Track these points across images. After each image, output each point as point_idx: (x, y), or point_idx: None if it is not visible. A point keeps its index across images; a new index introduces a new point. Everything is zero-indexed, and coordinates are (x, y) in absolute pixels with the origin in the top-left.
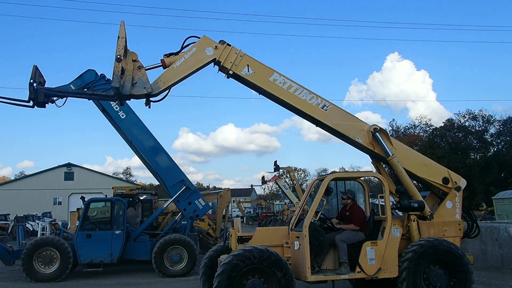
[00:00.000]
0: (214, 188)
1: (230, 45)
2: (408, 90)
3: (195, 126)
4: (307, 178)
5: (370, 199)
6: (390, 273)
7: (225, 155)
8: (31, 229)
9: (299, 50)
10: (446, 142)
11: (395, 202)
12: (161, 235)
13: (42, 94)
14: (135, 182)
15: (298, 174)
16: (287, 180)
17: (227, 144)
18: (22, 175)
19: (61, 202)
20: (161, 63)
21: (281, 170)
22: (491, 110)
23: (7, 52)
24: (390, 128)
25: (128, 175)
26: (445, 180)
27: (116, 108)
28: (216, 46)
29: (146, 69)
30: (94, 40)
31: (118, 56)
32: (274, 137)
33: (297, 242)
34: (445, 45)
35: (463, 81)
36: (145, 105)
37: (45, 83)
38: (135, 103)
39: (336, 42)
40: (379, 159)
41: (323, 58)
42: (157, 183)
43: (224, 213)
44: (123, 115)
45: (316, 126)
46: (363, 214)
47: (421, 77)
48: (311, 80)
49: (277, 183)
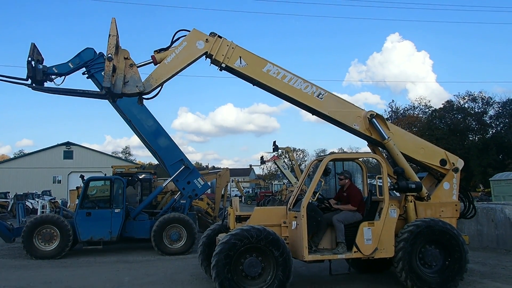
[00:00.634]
0: (213, 168)
1: (221, 37)
2: (408, 71)
3: (194, 106)
4: (306, 159)
5: (368, 180)
6: (387, 253)
7: (224, 135)
8: (31, 207)
9: (299, 30)
10: (445, 124)
11: (393, 183)
12: (160, 214)
13: (40, 73)
14: (134, 161)
15: (297, 155)
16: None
17: (226, 124)
18: (22, 154)
19: (61, 181)
20: (152, 60)
21: (280, 151)
22: (491, 92)
23: (6, 30)
24: (390, 109)
25: (127, 154)
26: (443, 162)
27: None
28: (207, 39)
29: (138, 67)
30: (93, 18)
31: (109, 55)
32: (273, 118)
33: (295, 222)
34: (446, 26)
35: (464, 63)
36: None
37: (43, 61)
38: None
39: (337, 22)
40: (376, 144)
41: (323, 38)
42: (156, 163)
43: (223, 193)
44: None
45: (313, 115)
46: (361, 195)
47: (421, 58)
48: (311, 61)
49: (276, 163)
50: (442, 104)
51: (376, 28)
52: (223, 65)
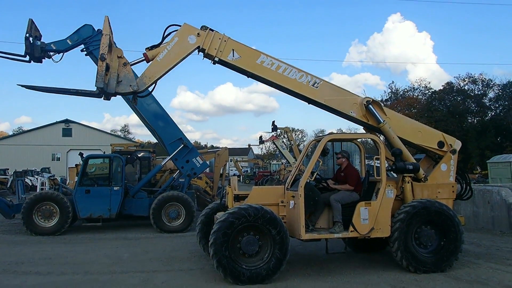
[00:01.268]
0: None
1: (213, 30)
2: (409, 52)
3: (193, 85)
4: (304, 139)
5: (366, 161)
6: (383, 233)
7: (223, 115)
8: (30, 184)
9: (299, 9)
10: (445, 106)
11: (390, 164)
12: (159, 192)
13: (39, 49)
14: (133, 140)
15: (296, 135)
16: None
17: (225, 103)
18: (20, 131)
19: (60, 158)
20: (144, 57)
21: (279, 130)
22: (491, 74)
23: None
24: (389, 91)
25: (126, 133)
26: (441, 144)
27: None
28: (199, 33)
29: (131, 65)
30: None
31: (102, 54)
32: (273, 98)
33: (293, 201)
34: (448, 6)
35: (465, 44)
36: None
37: (41, 38)
38: (130, 55)
39: (338, 2)
40: (373, 129)
41: (324, 18)
42: (155, 141)
43: (221, 172)
44: None
45: (309, 104)
46: (358, 175)
47: (422, 39)
48: (311, 41)
49: (275, 143)
50: (442, 86)
51: (378, 8)
52: (216, 59)
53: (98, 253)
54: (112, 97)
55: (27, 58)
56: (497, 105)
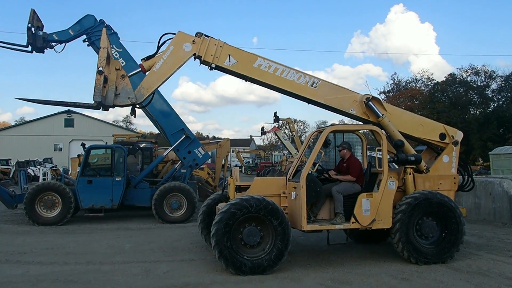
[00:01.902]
0: (214, 138)
1: (208, 36)
2: (411, 43)
3: (195, 76)
4: (306, 130)
5: (368, 152)
6: (384, 224)
7: (225, 105)
8: (33, 174)
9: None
10: (447, 97)
11: (392, 155)
12: (161, 183)
13: (41, 39)
14: (135, 130)
15: (298, 126)
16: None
17: (227, 94)
18: (23, 121)
19: (62, 149)
20: (140, 69)
21: (281, 121)
22: (494, 66)
23: None
24: (392, 82)
25: (128, 123)
26: (442, 136)
27: (116, 55)
28: (194, 40)
29: (129, 76)
30: None
31: (100, 69)
32: None
33: (294, 192)
34: None
35: (468, 35)
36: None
37: (43, 28)
38: (132, 46)
39: None
40: (374, 125)
41: (326, 9)
42: (157, 132)
43: (223, 163)
44: (123, 63)
45: (308, 104)
46: (360, 166)
47: (425, 30)
48: (313, 32)
49: (277, 134)
50: (445, 77)
51: None
52: (213, 65)
53: (100, 243)
54: (109, 109)
55: (29, 49)
56: (500, 97)
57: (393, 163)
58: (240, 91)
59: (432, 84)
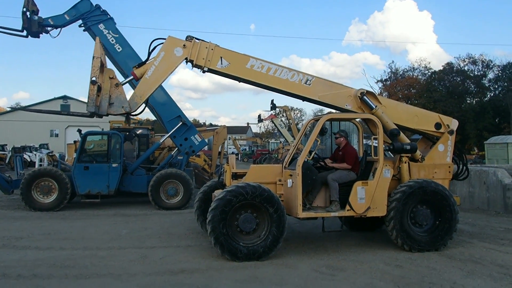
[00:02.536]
0: (210, 125)
1: (199, 40)
2: (409, 32)
3: None
4: (303, 118)
5: (364, 141)
6: (379, 212)
7: (222, 92)
8: (29, 160)
9: None
10: (444, 86)
11: (388, 144)
12: (158, 169)
13: (36, 24)
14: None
15: (294, 114)
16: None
17: (224, 81)
18: (18, 106)
19: (58, 134)
20: (133, 76)
21: (278, 109)
22: (492, 55)
23: None
24: (389, 70)
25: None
26: (438, 126)
27: (113, 41)
28: (185, 45)
29: (122, 85)
30: None
31: (93, 79)
32: None
33: (290, 180)
34: None
35: (465, 24)
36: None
37: (38, 12)
38: (129, 33)
39: None
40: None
41: None
42: (154, 118)
43: (220, 150)
44: (120, 49)
45: (303, 101)
46: (356, 154)
47: (423, 19)
48: (310, 20)
49: (273, 122)
50: (442, 66)
51: None
52: (205, 69)
53: (97, 229)
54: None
55: (25, 33)
56: (497, 86)
57: (388, 152)
58: None
59: (430, 73)
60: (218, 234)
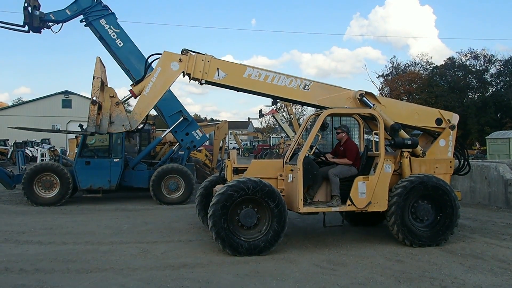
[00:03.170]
0: (212, 120)
1: (194, 52)
2: (410, 26)
3: None
4: (304, 113)
5: (365, 135)
6: (380, 207)
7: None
8: (31, 155)
9: None
10: (445, 81)
11: (389, 139)
12: (159, 164)
13: (37, 19)
14: None
15: (295, 109)
16: (284, 114)
17: None
18: (20, 101)
19: (60, 129)
20: (131, 94)
21: (279, 104)
22: (494, 50)
23: None
24: (391, 65)
25: (126, 105)
26: (439, 121)
27: (114, 36)
28: (180, 59)
29: (122, 102)
30: None
31: (94, 99)
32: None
33: (291, 175)
34: None
35: (467, 19)
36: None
37: (40, 7)
38: (131, 29)
39: None
40: (369, 119)
41: None
42: (155, 113)
43: (221, 145)
44: (121, 44)
45: (303, 106)
46: (357, 149)
47: (425, 13)
48: (311, 14)
49: (274, 117)
50: (444, 61)
51: None
52: (203, 81)
53: (98, 224)
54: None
55: (26, 28)
56: (498, 81)
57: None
58: None
59: (431, 68)
60: (219, 229)
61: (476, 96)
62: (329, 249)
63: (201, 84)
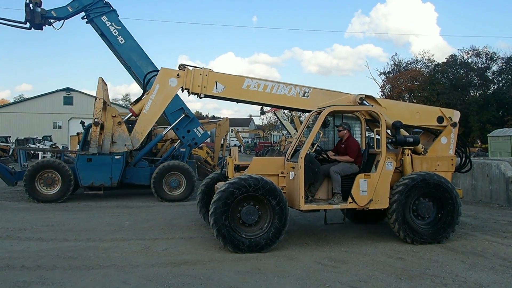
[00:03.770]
0: (213, 117)
1: (192, 67)
2: (412, 24)
3: (194, 54)
4: None
5: (366, 133)
6: (381, 205)
7: None
8: (32, 152)
9: None
10: (447, 79)
11: (391, 137)
12: (160, 161)
13: (39, 16)
14: None
15: None
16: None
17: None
18: (22, 98)
19: (61, 126)
20: (131, 113)
21: None
22: (495, 47)
23: None
24: (392, 62)
25: (127, 102)
26: (440, 119)
27: (115, 33)
28: (178, 74)
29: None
30: None
31: (96, 120)
32: (274, 68)
33: (293, 172)
34: None
35: (469, 16)
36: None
37: (41, 4)
38: (133, 27)
39: None
40: (369, 121)
41: None
42: None
43: (222, 142)
44: (122, 41)
45: (303, 113)
46: (358, 147)
47: (426, 10)
48: (313, 12)
49: (276, 114)
50: (445, 59)
51: None
52: (202, 96)
53: (100, 221)
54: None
55: (28, 25)
56: (500, 79)
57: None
58: (240, 71)
59: (433, 66)
60: (221, 226)
61: (478, 94)
62: (330, 247)
63: (200, 98)
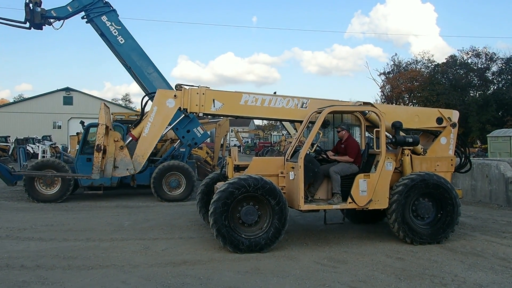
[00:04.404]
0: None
1: (188, 86)
2: (412, 24)
3: (194, 54)
4: None
5: (366, 133)
6: (381, 205)
7: (224, 85)
8: (32, 152)
9: None
10: (447, 79)
11: (390, 137)
12: (160, 161)
13: (39, 16)
14: (134, 109)
15: None
16: None
17: (226, 74)
18: (21, 98)
19: (61, 126)
20: (132, 138)
21: None
22: (495, 48)
23: None
24: (392, 63)
25: (127, 102)
26: (439, 120)
27: (115, 33)
28: (175, 95)
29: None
30: None
31: (98, 145)
32: (274, 68)
33: (292, 172)
34: None
35: (469, 17)
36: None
37: (41, 4)
38: (133, 26)
39: None
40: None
41: None
42: None
43: (222, 142)
44: (122, 40)
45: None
46: (358, 147)
47: (426, 11)
48: (312, 12)
49: None
50: (445, 59)
51: None
52: (201, 114)
53: (100, 221)
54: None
55: (27, 25)
56: (500, 79)
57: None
58: (240, 71)
59: (433, 66)
60: (220, 226)
61: (478, 94)
62: (330, 247)
63: (199, 117)
